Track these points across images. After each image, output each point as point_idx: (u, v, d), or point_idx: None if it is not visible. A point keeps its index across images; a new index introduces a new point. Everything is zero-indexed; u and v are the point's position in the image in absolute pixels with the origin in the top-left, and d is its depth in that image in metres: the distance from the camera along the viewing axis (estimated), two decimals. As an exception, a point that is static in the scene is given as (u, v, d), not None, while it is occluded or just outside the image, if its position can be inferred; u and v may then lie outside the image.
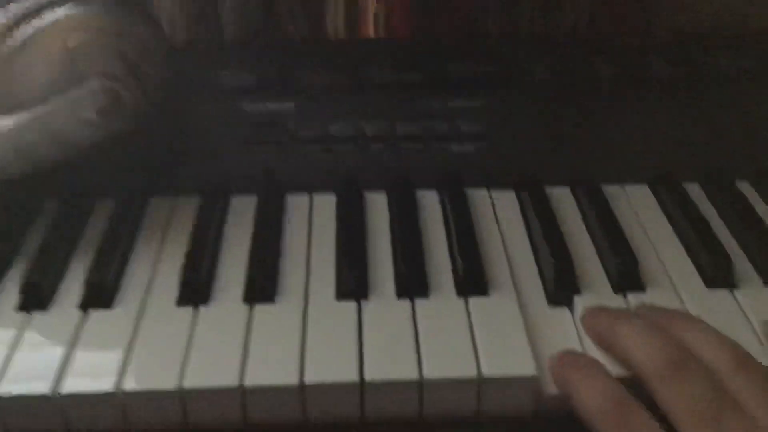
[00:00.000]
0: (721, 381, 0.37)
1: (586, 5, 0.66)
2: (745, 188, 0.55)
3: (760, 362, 0.38)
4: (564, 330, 0.44)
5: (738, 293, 0.46)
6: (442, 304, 0.45)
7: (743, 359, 0.38)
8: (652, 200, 0.55)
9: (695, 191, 0.55)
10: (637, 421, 0.36)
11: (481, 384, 0.41)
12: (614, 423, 0.37)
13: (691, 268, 0.48)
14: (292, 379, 0.40)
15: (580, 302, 0.45)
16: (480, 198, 0.55)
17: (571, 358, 0.42)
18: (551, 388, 0.41)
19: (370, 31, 0.66)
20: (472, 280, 0.47)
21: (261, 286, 0.46)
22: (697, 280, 0.47)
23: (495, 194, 0.56)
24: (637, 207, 0.54)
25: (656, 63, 0.62)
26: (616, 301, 0.46)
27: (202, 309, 0.45)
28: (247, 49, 0.63)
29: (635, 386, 0.38)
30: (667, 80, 0.61)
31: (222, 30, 0.64)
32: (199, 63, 0.61)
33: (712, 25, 0.65)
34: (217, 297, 0.46)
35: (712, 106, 0.59)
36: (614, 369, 0.41)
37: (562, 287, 0.47)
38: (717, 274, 0.47)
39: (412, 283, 0.47)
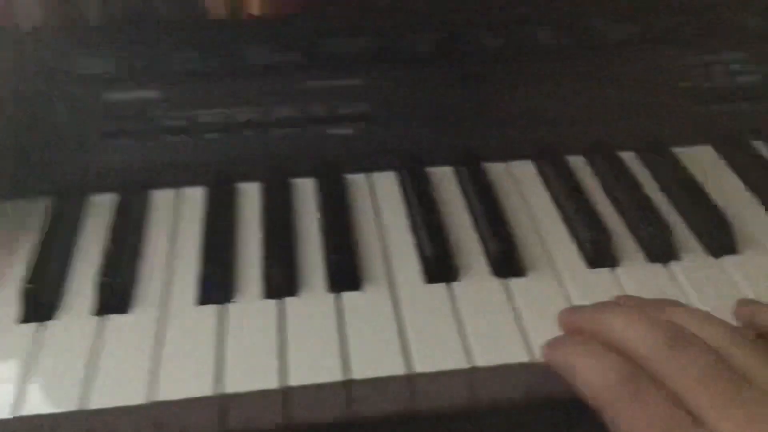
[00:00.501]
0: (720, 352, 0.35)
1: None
2: (629, 159, 0.54)
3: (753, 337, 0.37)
4: (443, 312, 0.42)
5: (619, 270, 0.45)
6: (310, 302, 0.43)
7: (738, 335, 0.36)
8: (535, 177, 0.53)
9: (579, 164, 0.54)
10: (648, 393, 0.34)
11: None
12: (625, 397, 0.34)
13: (573, 247, 0.47)
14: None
15: (458, 288, 0.43)
16: (360, 182, 0.53)
17: (567, 340, 0.39)
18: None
19: (244, 9, 0.62)
20: (343, 275, 0.44)
21: (113, 298, 0.42)
22: (577, 260, 0.46)
23: (376, 177, 0.53)
24: (521, 184, 0.52)
25: (542, 32, 0.60)
26: (494, 285, 0.44)
27: (50, 324, 0.41)
28: (106, 31, 0.59)
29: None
30: (552, 50, 0.58)
31: (79, 10, 0.60)
32: (52, 47, 0.57)
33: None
34: (65, 309, 0.42)
35: (598, 75, 0.57)
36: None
37: (439, 273, 0.44)
38: (598, 253, 0.45)
39: (282, 282, 0.44)
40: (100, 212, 0.49)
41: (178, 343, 0.40)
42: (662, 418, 0.33)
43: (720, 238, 0.46)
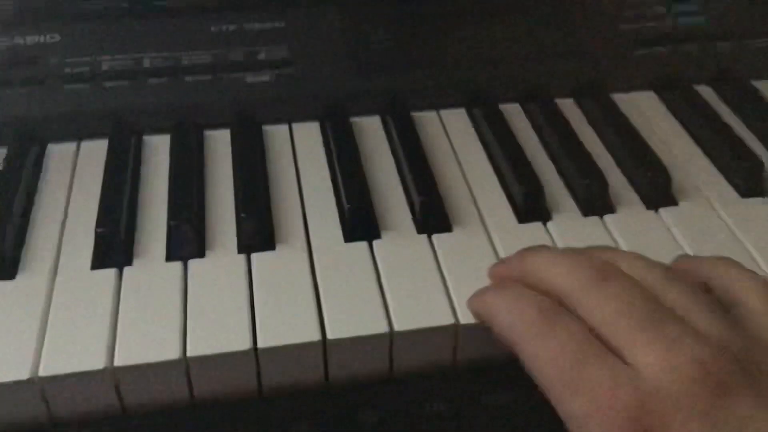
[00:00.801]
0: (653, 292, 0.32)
1: None
2: (566, 105, 0.51)
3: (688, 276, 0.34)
4: (361, 273, 0.39)
5: (551, 224, 0.42)
6: (218, 263, 0.39)
7: (672, 274, 0.34)
8: (468, 125, 0.50)
9: (514, 111, 0.50)
10: (564, 326, 0.32)
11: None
12: (540, 331, 0.32)
13: (504, 201, 0.44)
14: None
15: (379, 247, 0.40)
16: (280, 133, 0.49)
17: (489, 287, 0.36)
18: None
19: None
20: (258, 235, 0.40)
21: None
22: (508, 214, 0.43)
23: (297, 128, 0.49)
24: (452, 134, 0.49)
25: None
26: (419, 242, 0.41)
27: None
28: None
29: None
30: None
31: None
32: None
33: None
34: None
35: (532, 16, 0.53)
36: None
37: (359, 231, 0.41)
38: (529, 206, 0.42)
39: (190, 243, 0.40)
40: (-11, 168, 0.45)
41: (68, 312, 0.36)
42: (574, 349, 0.31)
43: (657, 190, 0.43)
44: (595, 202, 0.43)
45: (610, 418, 0.29)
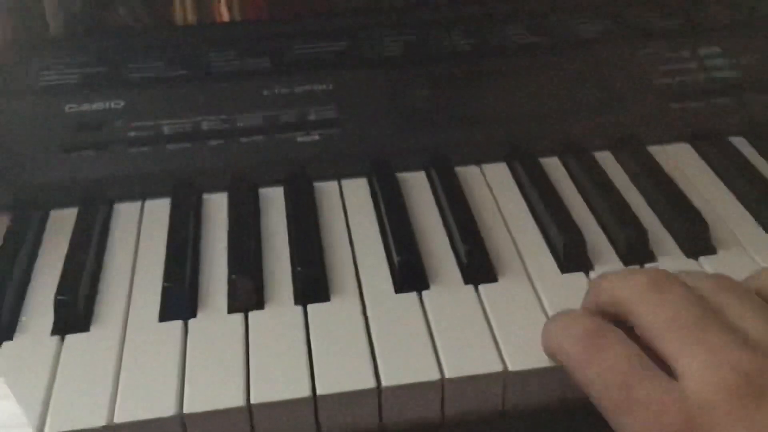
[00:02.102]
0: (706, 299, 0.34)
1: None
2: (605, 158, 0.53)
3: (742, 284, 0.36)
4: (412, 322, 0.41)
5: (593, 274, 0.43)
6: (276, 315, 0.41)
7: (726, 281, 0.35)
8: (510, 179, 0.52)
9: (553, 165, 0.52)
10: (611, 345, 0.33)
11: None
12: (587, 350, 0.33)
13: (546, 251, 0.45)
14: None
15: (428, 297, 0.42)
16: (330, 190, 0.51)
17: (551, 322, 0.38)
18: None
19: (212, 15, 0.61)
20: (311, 287, 0.42)
21: (71, 316, 0.41)
22: (551, 264, 0.44)
23: (346, 184, 0.52)
24: (494, 187, 0.51)
25: (513, 31, 0.59)
26: (464, 291, 0.42)
27: (5, 345, 0.40)
28: (69, 40, 0.57)
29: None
30: (523, 49, 0.58)
31: (41, 19, 0.58)
32: (11, 57, 0.55)
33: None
34: (23, 329, 0.41)
35: (570, 74, 0.56)
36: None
37: (409, 282, 0.43)
38: (571, 256, 0.44)
39: (248, 295, 0.42)
40: (61, 227, 0.48)
41: (138, 361, 0.39)
42: (622, 370, 0.32)
43: (696, 238, 0.45)
44: (636, 251, 0.45)
45: None
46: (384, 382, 0.37)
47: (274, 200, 0.50)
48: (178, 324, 0.41)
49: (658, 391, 0.31)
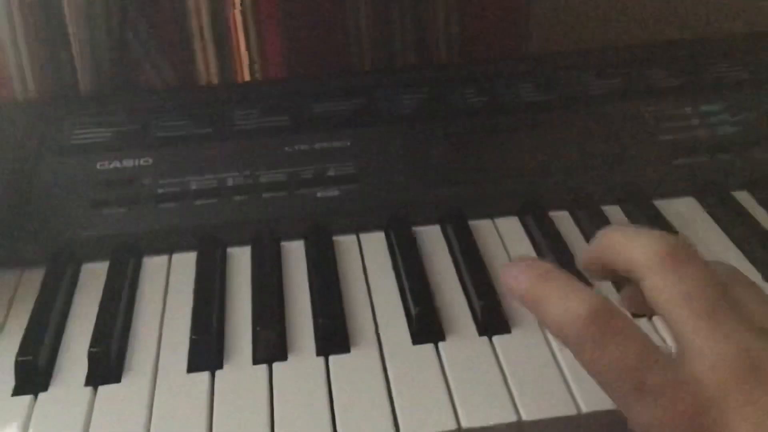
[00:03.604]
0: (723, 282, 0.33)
1: (456, 35, 0.65)
2: (613, 212, 0.55)
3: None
4: (429, 373, 0.42)
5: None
6: (299, 366, 0.43)
7: (741, 273, 0.35)
8: (521, 232, 0.54)
9: (564, 218, 0.54)
10: (618, 333, 0.32)
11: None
12: (591, 335, 0.32)
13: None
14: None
15: (444, 349, 0.44)
16: (349, 243, 0.53)
17: (538, 269, 0.35)
18: None
19: (234, 75, 0.64)
20: (332, 338, 0.44)
21: (104, 367, 0.43)
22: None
23: (364, 238, 0.54)
24: (506, 240, 0.53)
25: (524, 89, 0.62)
26: (481, 344, 0.44)
27: (41, 396, 0.42)
28: (99, 101, 0.60)
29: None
30: (533, 106, 0.60)
31: (72, 80, 0.61)
32: (44, 117, 0.58)
33: (580, 44, 0.65)
34: (58, 380, 0.43)
35: (579, 130, 0.58)
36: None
37: (426, 334, 0.45)
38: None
39: (271, 347, 0.44)
40: (92, 280, 0.50)
41: (168, 411, 0.41)
42: (633, 357, 0.31)
43: (702, 291, 0.47)
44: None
45: (673, 424, 0.30)
46: (404, 432, 0.39)
47: (295, 253, 0.52)
48: (205, 375, 0.43)
49: (671, 379, 0.31)
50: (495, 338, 0.44)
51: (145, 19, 0.61)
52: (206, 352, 0.44)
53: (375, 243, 0.53)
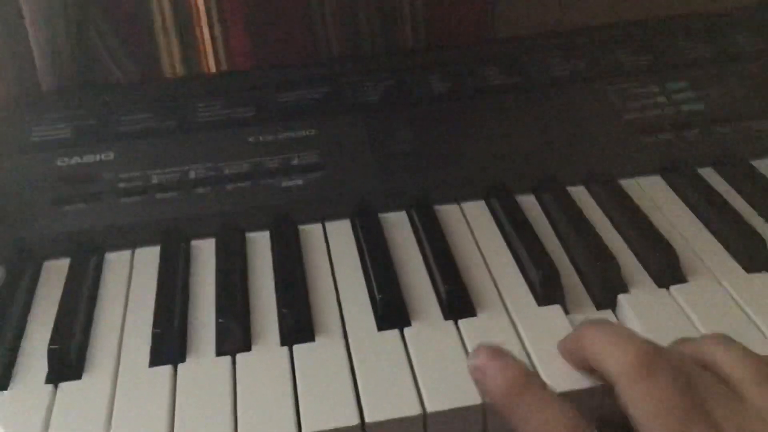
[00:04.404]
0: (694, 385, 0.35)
1: (421, 20, 0.65)
2: (578, 192, 0.55)
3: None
4: (394, 359, 0.42)
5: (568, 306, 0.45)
6: (263, 356, 0.43)
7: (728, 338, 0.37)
8: (488, 216, 0.53)
9: (529, 201, 0.54)
10: (532, 395, 0.35)
11: None
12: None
13: (523, 286, 0.47)
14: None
15: (409, 334, 0.43)
16: (315, 232, 0.53)
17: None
18: None
19: (197, 67, 0.64)
20: (296, 328, 0.44)
21: (64, 364, 0.42)
22: (528, 298, 0.46)
23: (330, 226, 0.53)
24: (473, 225, 0.53)
25: (487, 73, 0.61)
26: (446, 328, 0.44)
27: (1, 395, 0.41)
28: (59, 97, 0.60)
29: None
30: (497, 90, 0.60)
31: (32, 77, 0.60)
32: (3, 115, 0.57)
33: (543, 27, 0.65)
34: (17, 378, 0.42)
35: (544, 111, 0.58)
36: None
37: (391, 319, 0.45)
38: (547, 290, 0.46)
39: (235, 338, 0.44)
40: (54, 278, 0.49)
41: (129, 407, 0.40)
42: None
43: (667, 268, 0.47)
44: (609, 283, 0.46)
45: None
46: (368, 419, 0.39)
47: (260, 244, 0.52)
48: (167, 369, 0.42)
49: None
50: (461, 322, 0.44)
51: (106, 12, 0.61)
52: (168, 346, 0.43)
53: (341, 231, 0.53)
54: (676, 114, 0.58)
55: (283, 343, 0.44)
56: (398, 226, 0.53)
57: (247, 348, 0.44)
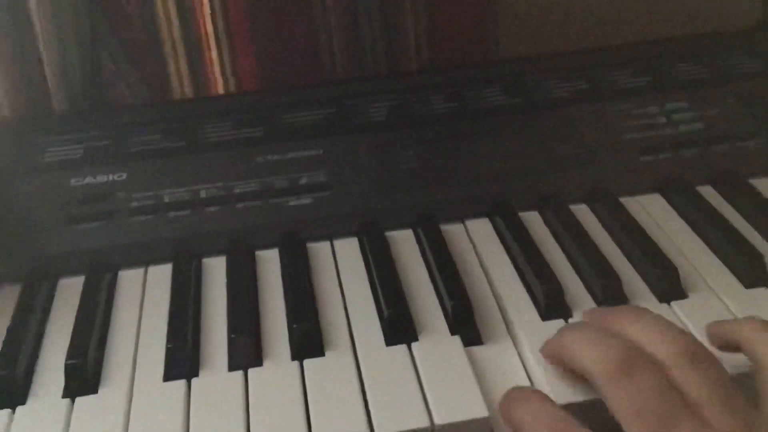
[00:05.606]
0: (673, 379, 0.35)
1: (425, 42, 0.66)
2: (581, 210, 0.56)
3: (713, 355, 0.37)
4: (403, 373, 0.43)
5: (573, 321, 0.46)
6: (274, 371, 0.44)
7: (697, 353, 0.37)
8: (492, 233, 0.55)
9: (533, 218, 0.55)
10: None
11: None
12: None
13: (528, 301, 0.48)
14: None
15: (417, 349, 0.44)
16: (323, 250, 0.54)
17: (516, 393, 0.40)
18: None
19: (206, 89, 0.65)
20: (306, 343, 0.45)
21: (81, 379, 0.43)
22: (533, 313, 0.47)
23: (338, 244, 0.55)
24: (477, 243, 0.54)
25: (491, 93, 0.63)
26: (451, 341, 0.45)
27: (19, 410, 0.42)
28: (72, 118, 0.61)
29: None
30: (500, 110, 0.61)
31: (45, 98, 0.62)
32: (17, 135, 0.59)
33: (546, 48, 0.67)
34: (35, 394, 0.44)
35: (546, 131, 0.59)
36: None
37: (399, 335, 0.46)
38: (551, 304, 0.47)
39: (246, 353, 0.45)
40: (69, 295, 0.50)
41: (144, 421, 0.41)
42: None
43: (667, 284, 0.48)
44: (612, 298, 0.47)
45: None
46: (377, 431, 0.40)
47: (270, 261, 0.53)
48: (181, 383, 0.43)
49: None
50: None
51: (117, 36, 0.62)
52: (182, 361, 0.44)
53: (348, 248, 0.54)
54: (675, 133, 0.59)
55: (293, 358, 0.45)
56: (404, 243, 0.54)
57: (258, 363, 0.45)
